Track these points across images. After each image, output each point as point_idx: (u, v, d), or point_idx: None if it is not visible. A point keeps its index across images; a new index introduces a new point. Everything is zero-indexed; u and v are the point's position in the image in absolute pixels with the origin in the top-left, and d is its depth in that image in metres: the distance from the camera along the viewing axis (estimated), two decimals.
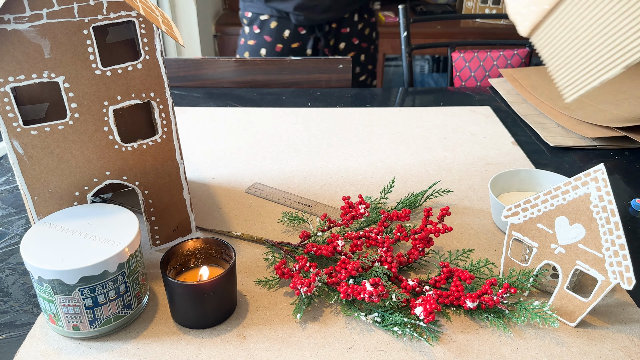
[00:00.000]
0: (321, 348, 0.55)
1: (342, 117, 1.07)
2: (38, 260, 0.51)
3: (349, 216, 0.69)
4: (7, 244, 0.70)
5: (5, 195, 0.80)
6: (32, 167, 0.56)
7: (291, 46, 1.48)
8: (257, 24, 1.48)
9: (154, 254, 0.68)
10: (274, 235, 0.72)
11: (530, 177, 0.76)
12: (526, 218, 0.60)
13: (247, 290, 0.62)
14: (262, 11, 1.46)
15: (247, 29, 1.52)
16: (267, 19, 1.46)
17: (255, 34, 1.49)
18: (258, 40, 1.49)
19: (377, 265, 0.61)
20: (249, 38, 1.52)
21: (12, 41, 0.51)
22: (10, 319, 0.59)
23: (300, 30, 1.46)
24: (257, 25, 1.48)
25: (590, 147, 0.96)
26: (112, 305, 0.54)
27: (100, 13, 0.53)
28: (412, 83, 1.52)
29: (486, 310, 0.58)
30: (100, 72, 0.55)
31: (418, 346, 0.55)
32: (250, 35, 1.51)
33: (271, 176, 0.86)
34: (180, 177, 0.65)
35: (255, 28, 1.48)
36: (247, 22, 1.52)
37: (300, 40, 1.48)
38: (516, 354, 0.54)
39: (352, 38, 1.54)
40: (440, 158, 0.92)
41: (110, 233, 0.55)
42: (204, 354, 0.54)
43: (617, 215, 0.52)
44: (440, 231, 0.65)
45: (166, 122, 0.61)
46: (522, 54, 1.51)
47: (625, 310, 0.60)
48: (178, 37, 0.58)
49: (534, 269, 0.60)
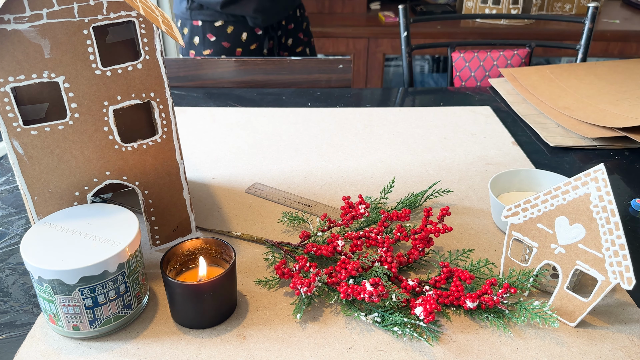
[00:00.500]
0: (321, 348, 0.55)
1: (342, 117, 1.07)
2: (38, 260, 0.51)
3: (349, 216, 0.69)
4: (7, 244, 0.70)
5: (5, 195, 0.80)
6: (32, 167, 0.56)
7: (250, 48, 1.47)
8: (210, 32, 1.44)
9: (154, 254, 0.68)
10: (274, 235, 0.72)
11: (530, 177, 0.76)
12: (526, 218, 0.60)
13: (247, 290, 0.62)
14: (216, 18, 1.43)
15: (197, 39, 1.46)
16: (222, 25, 1.43)
17: (211, 42, 1.45)
18: (215, 48, 1.45)
19: (377, 265, 0.61)
20: (203, 48, 1.47)
21: (12, 41, 0.51)
22: (10, 319, 0.59)
23: (257, 31, 1.46)
24: (211, 33, 1.44)
25: (590, 147, 0.96)
26: (112, 305, 0.54)
27: (100, 13, 0.53)
28: (412, 83, 1.52)
29: (486, 310, 0.58)
30: (100, 72, 0.55)
31: (418, 346, 0.55)
32: (204, 44, 1.46)
33: (271, 176, 0.86)
34: (180, 177, 0.65)
35: (210, 36, 1.44)
36: (197, 32, 1.46)
37: (257, 41, 1.47)
38: (516, 354, 0.54)
39: (298, 33, 1.56)
40: (440, 158, 0.92)
41: (110, 233, 0.55)
42: (204, 354, 0.54)
43: (617, 215, 0.52)
44: (440, 231, 0.65)
45: (166, 122, 0.61)
46: (522, 54, 1.51)
47: (625, 310, 0.60)
48: (178, 37, 0.58)
49: (534, 269, 0.60)
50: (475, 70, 1.51)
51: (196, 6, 1.42)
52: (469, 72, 1.52)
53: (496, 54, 1.50)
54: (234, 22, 1.43)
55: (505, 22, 2.28)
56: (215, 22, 1.43)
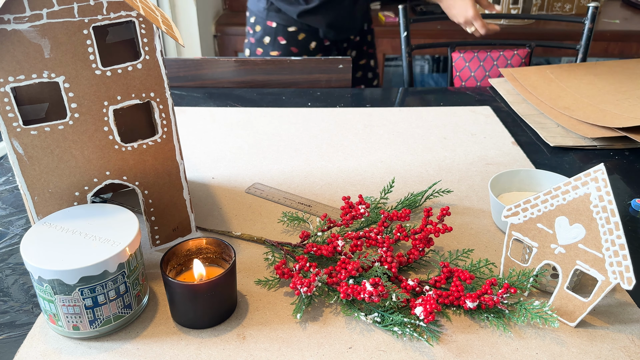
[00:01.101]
0: (321, 348, 0.55)
1: (342, 117, 1.07)
2: (38, 260, 0.51)
3: (349, 216, 0.69)
4: (7, 244, 0.70)
5: (5, 195, 0.80)
6: (32, 167, 0.56)
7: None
8: (282, 35, 1.48)
9: (154, 254, 0.68)
10: (274, 235, 0.72)
11: (530, 177, 0.76)
12: (526, 218, 0.60)
13: (247, 290, 0.62)
14: (290, 23, 1.46)
15: (267, 39, 1.50)
16: (295, 31, 1.47)
17: (281, 44, 1.49)
18: (283, 52, 1.49)
19: (377, 265, 0.61)
20: (271, 48, 1.51)
21: (12, 41, 0.51)
22: (10, 319, 0.59)
23: (325, 42, 1.50)
24: (282, 37, 1.47)
25: (590, 147, 0.96)
26: (112, 305, 0.54)
27: (100, 13, 0.53)
28: (412, 83, 1.52)
29: (486, 310, 0.58)
30: (100, 72, 0.55)
31: (418, 346, 0.55)
32: (274, 45, 1.50)
33: (271, 176, 0.86)
34: (180, 177, 0.65)
35: (281, 39, 1.48)
36: (269, 32, 1.49)
37: (324, 51, 1.52)
38: (516, 354, 0.54)
39: (363, 46, 1.59)
40: (440, 158, 0.92)
41: (110, 233, 0.55)
42: (204, 354, 0.54)
43: (617, 215, 0.52)
44: (440, 231, 0.65)
45: (166, 122, 0.61)
46: (522, 54, 1.51)
47: (625, 310, 0.60)
48: (178, 37, 0.58)
49: (534, 269, 0.60)
50: (475, 70, 1.51)
51: (274, 8, 1.46)
52: (469, 72, 1.52)
53: (496, 54, 1.50)
54: (306, 31, 1.47)
55: (505, 22, 2.28)
56: (288, 27, 1.46)
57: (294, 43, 1.47)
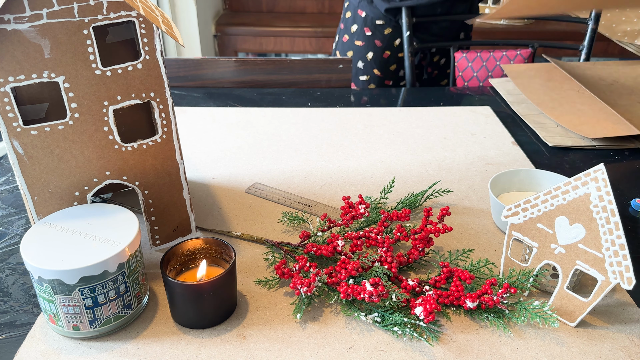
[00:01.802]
0: (321, 348, 0.55)
1: (342, 117, 1.07)
2: (38, 260, 0.51)
3: (349, 216, 0.69)
4: (7, 244, 0.70)
5: (5, 195, 0.80)
6: (32, 167, 0.56)
7: (398, 55, 1.49)
8: (369, 27, 1.47)
9: (154, 254, 0.68)
10: (274, 235, 0.72)
11: (530, 177, 0.76)
12: (526, 218, 0.60)
13: (247, 290, 0.62)
14: (379, 16, 1.45)
15: (354, 27, 1.49)
16: (382, 24, 1.46)
17: (366, 35, 1.48)
18: (367, 43, 1.48)
19: (377, 265, 0.61)
20: (356, 38, 1.49)
21: (12, 41, 0.51)
22: (10, 319, 0.59)
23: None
24: (369, 28, 1.47)
25: (590, 147, 0.96)
26: (112, 305, 0.54)
27: (100, 13, 0.53)
28: (415, 83, 1.52)
29: (486, 310, 0.58)
30: (100, 72, 0.55)
31: (418, 346, 0.55)
32: (360, 35, 1.48)
33: (271, 176, 0.86)
34: (180, 177, 0.65)
35: (367, 30, 1.47)
36: (358, 21, 1.48)
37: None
38: (516, 354, 0.54)
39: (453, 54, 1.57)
40: (440, 158, 0.92)
41: (110, 233, 0.55)
42: (204, 354, 0.54)
43: (617, 215, 0.52)
44: (440, 231, 0.65)
45: (166, 122, 0.61)
46: (525, 54, 1.50)
47: (625, 310, 0.60)
48: (178, 37, 0.58)
49: (534, 269, 0.60)
50: (478, 71, 1.51)
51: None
52: (471, 72, 1.52)
53: (499, 54, 1.50)
54: (394, 27, 1.45)
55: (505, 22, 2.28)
56: (377, 20, 1.46)
57: (379, 36, 1.46)
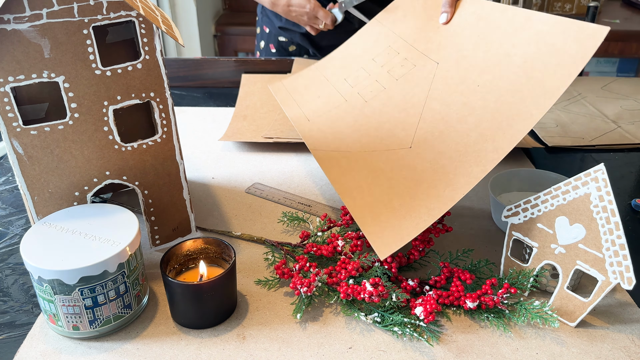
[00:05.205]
0: (321, 348, 0.55)
1: None
2: (38, 260, 0.51)
3: (348, 216, 0.69)
4: (7, 244, 0.70)
5: (5, 195, 0.80)
6: (32, 167, 0.56)
7: None
8: (273, 43, 1.40)
9: (154, 254, 0.68)
10: (274, 235, 0.72)
11: (530, 177, 0.76)
12: (526, 218, 0.60)
13: (247, 290, 0.62)
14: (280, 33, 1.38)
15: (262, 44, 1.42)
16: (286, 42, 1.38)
17: (271, 52, 1.40)
18: None
19: (377, 265, 0.61)
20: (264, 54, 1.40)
21: (12, 41, 0.51)
22: (10, 319, 0.59)
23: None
24: (273, 44, 1.40)
25: (590, 147, 0.96)
26: (112, 305, 0.54)
27: (100, 13, 0.53)
28: None
29: (486, 310, 0.58)
30: (100, 72, 0.55)
31: (418, 346, 0.55)
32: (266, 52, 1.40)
33: (271, 176, 0.86)
34: (180, 177, 0.65)
35: (272, 47, 1.40)
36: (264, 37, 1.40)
37: None
38: (516, 354, 0.54)
39: None
40: None
41: (110, 233, 0.55)
42: (204, 354, 0.54)
43: (617, 215, 0.52)
44: (440, 231, 0.65)
45: (166, 122, 0.61)
46: None
47: (625, 310, 0.60)
48: (178, 37, 0.58)
49: (534, 269, 0.60)
50: None
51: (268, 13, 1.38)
52: None
53: None
54: (297, 44, 1.39)
55: None
56: (279, 37, 1.39)
57: (284, 53, 1.39)
